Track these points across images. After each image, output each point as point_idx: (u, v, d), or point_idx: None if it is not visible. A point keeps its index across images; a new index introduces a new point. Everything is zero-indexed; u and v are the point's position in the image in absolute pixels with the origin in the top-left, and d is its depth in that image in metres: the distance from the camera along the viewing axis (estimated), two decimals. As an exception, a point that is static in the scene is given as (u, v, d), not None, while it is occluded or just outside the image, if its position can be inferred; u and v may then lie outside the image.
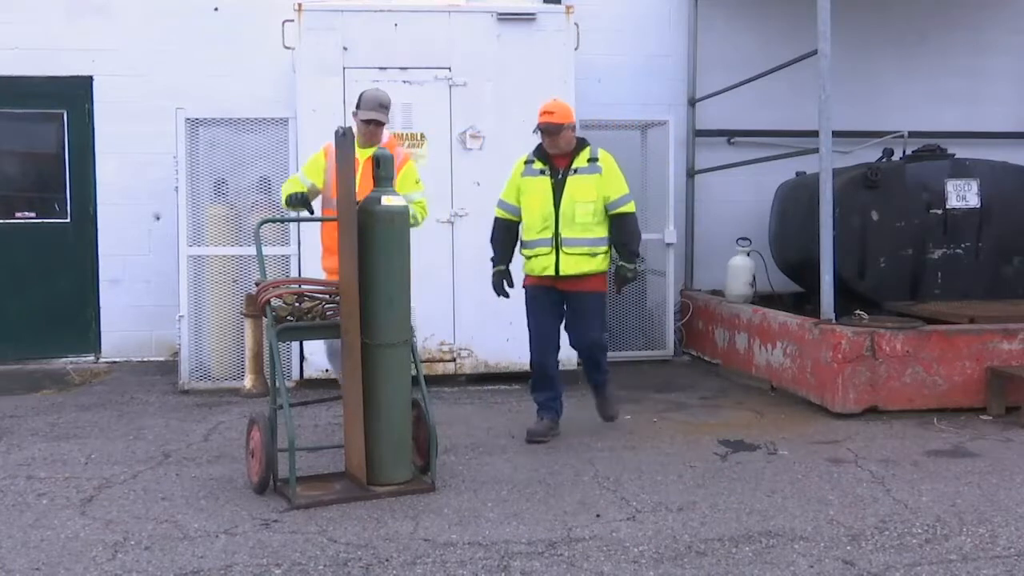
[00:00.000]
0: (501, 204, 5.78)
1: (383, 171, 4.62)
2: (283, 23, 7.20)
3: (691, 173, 8.92)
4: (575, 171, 5.54)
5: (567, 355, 7.25)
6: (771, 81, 7.92)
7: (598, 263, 5.59)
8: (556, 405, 5.76)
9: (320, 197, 5.51)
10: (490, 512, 4.34)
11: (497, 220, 5.79)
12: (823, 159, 6.34)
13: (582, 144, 5.62)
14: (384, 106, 5.23)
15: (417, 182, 5.48)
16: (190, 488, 4.73)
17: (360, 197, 4.69)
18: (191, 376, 7.20)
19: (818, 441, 5.59)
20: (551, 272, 5.55)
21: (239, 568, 3.71)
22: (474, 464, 5.10)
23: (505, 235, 5.76)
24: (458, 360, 7.21)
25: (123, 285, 8.33)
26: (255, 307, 6.21)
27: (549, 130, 5.48)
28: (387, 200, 4.54)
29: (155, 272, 8.18)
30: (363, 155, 5.18)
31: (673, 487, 4.72)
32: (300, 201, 5.18)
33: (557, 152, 5.56)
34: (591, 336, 5.77)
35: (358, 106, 5.28)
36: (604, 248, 5.59)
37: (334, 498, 4.47)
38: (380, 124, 5.19)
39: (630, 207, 5.63)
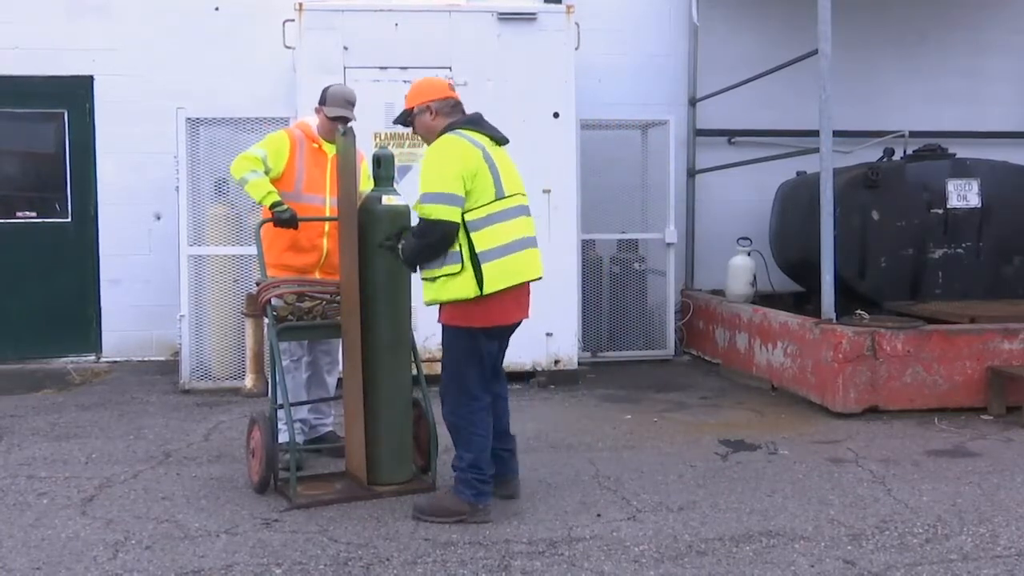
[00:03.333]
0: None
1: (383, 171, 4.61)
2: (283, 23, 7.21)
3: (691, 173, 8.92)
4: None
5: (567, 354, 7.30)
6: (771, 81, 7.92)
7: (436, 289, 4.15)
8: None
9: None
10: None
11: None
12: (824, 159, 6.34)
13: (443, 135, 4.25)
14: (351, 102, 5.13)
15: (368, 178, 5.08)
16: (191, 488, 4.73)
17: (331, 194, 4.63)
18: (192, 376, 7.20)
19: (819, 441, 5.59)
20: None
21: (240, 567, 3.71)
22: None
23: None
24: (458, 360, 7.19)
25: (124, 285, 8.33)
26: (256, 307, 6.21)
27: (403, 121, 4.45)
28: (388, 200, 4.53)
29: (156, 272, 8.19)
30: (330, 151, 5.14)
31: (674, 487, 4.72)
32: (292, 222, 4.88)
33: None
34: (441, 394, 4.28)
35: (323, 102, 5.16)
36: (441, 270, 4.10)
37: (334, 498, 4.47)
38: (347, 121, 5.13)
39: (423, 210, 4.05)
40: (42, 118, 8.39)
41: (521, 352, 7.20)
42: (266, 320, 4.86)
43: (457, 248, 4.07)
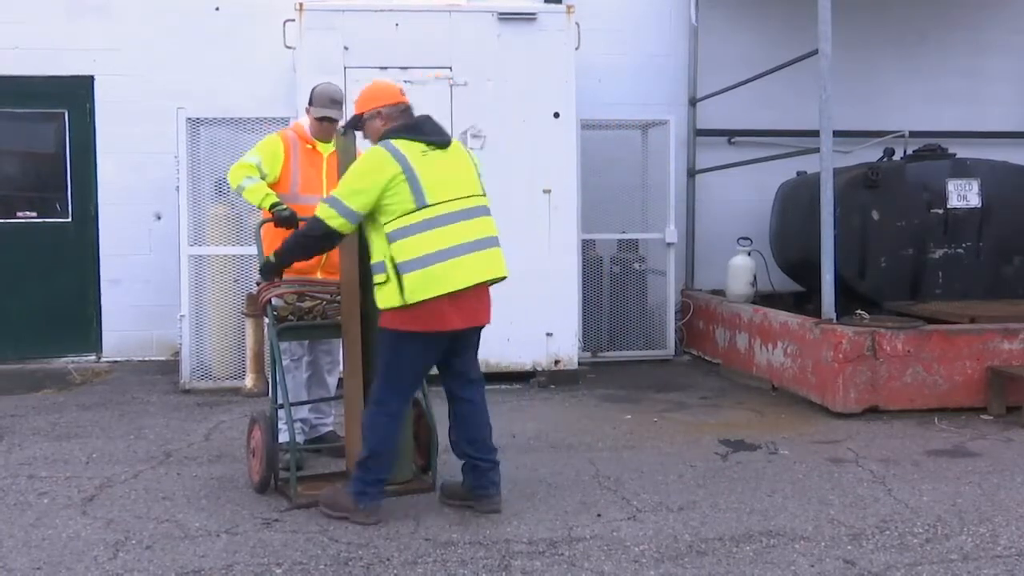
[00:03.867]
0: None
1: None
2: (284, 23, 7.21)
3: (692, 173, 8.93)
4: None
5: (567, 354, 7.30)
6: (771, 81, 7.92)
7: (381, 296, 4.14)
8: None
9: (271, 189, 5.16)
10: (479, 513, 4.32)
11: None
12: (824, 159, 6.34)
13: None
14: (336, 102, 5.13)
15: None
16: (191, 487, 4.73)
17: (325, 193, 4.64)
18: (192, 376, 7.20)
19: (819, 441, 5.59)
20: None
21: (240, 567, 3.72)
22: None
23: None
24: (459, 360, 7.19)
25: (124, 285, 8.33)
26: (256, 306, 6.22)
27: (355, 125, 4.49)
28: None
29: (156, 272, 8.18)
30: (325, 150, 5.14)
31: (674, 487, 4.72)
32: (292, 221, 4.84)
33: None
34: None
35: (310, 102, 5.18)
36: (375, 278, 4.16)
37: (335, 497, 4.47)
38: (333, 121, 5.13)
39: (320, 208, 4.20)
40: (42, 118, 8.40)
41: (521, 352, 7.21)
42: (266, 320, 4.86)
43: (382, 259, 4.11)
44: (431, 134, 4.26)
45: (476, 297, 4.21)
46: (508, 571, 3.67)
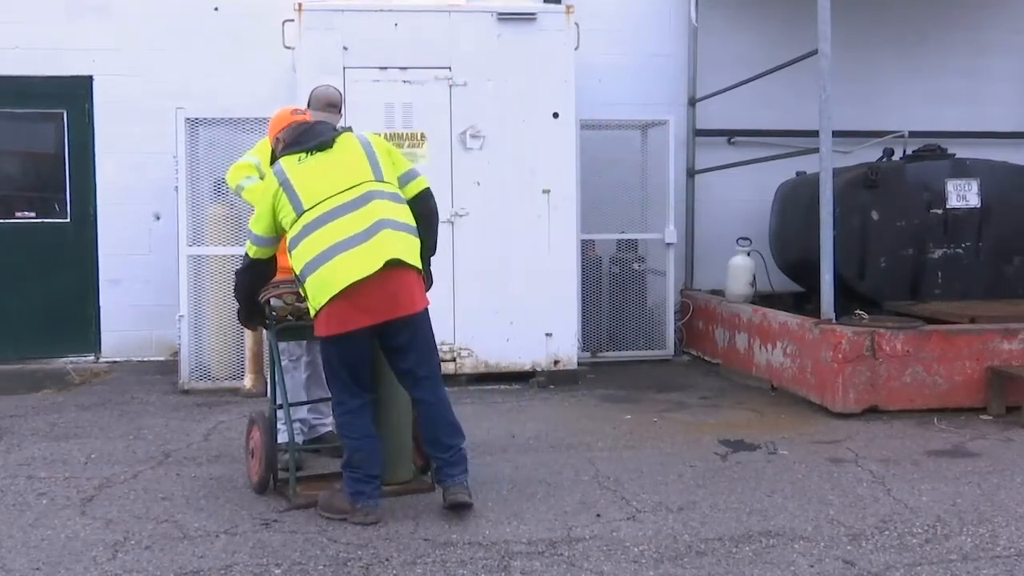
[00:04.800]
0: None
1: None
2: (283, 23, 7.20)
3: (691, 173, 8.92)
4: None
5: (567, 354, 7.29)
6: (771, 81, 7.91)
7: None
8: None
9: None
10: (490, 512, 4.33)
11: None
12: (823, 159, 6.34)
13: None
14: (333, 105, 5.13)
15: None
16: (190, 488, 4.73)
17: None
18: (191, 376, 7.20)
19: (818, 441, 5.59)
20: None
21: (239, 568, 3.71)
22: (474, 464, 5.06)
23: None
24: (458, 360, 7.20)
25: (123, 285, 8.33)
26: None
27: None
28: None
29: (155, 272, 8.18)
30: None
31: (673, 487, 4.72)
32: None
33: None
34: None
35: (308, 105, 5.18)
36: (301, 289, 4.24)
37: (334, 498, 4.47)
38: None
39: (247, 245, 4.41)
40: (42, 118, 8.39)
41: (520, 352, 7.21)
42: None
43: (295, 273, 4.21)
44: (308, 140, 4.27)
45: (382, 289, 4.04)
46: (507, 571, 3.67)
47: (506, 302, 7.02)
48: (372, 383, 4.33)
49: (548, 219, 7.18)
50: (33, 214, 8.33)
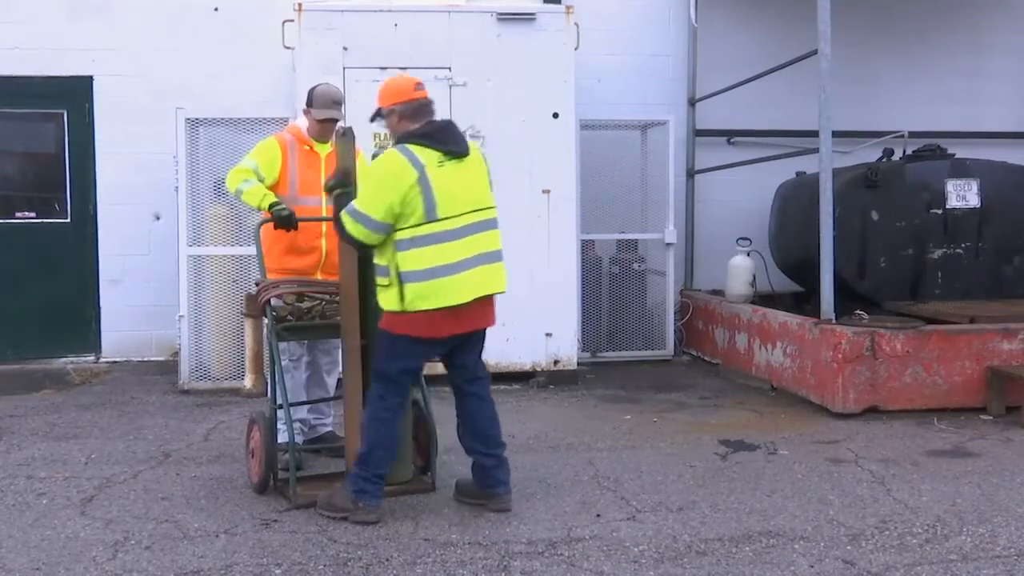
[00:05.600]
0: None
1: None
2: (283, 23, 7.20)
3: (691, 173, 8.92)
4: None
5: (567, 354, 7.30)
6: (771, 81, 7.92)
7: (383, 297, 4.23)
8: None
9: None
10: (490, 512, 4.33)
11: None
12: (823, 159, 6.34)
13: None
14: (338, 103, 5.13)
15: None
16: (190, 488, 4.73)
17: (326, 195, 4.66)
18: (191, 376, 7.20)
19: (818, 441, 5.59)
20: None
21: (239, 568, 3.71)
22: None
23: None
24: (458, 360, 7.19)
25: (123, 285, 8.33)
26: (255, 307, 6.19)
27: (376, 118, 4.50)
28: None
29: (155, 272, 8.18)
30: (323, 151, 5.15)
31: (673, 487, 4.72)
32: (290, 221, 4.84)
33: None
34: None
35: (310, 103, 5.12)
36: (378, 280, 4.23)
37: (334, 498, 4.47)
38: (335, 121, 5.13)
39: (344, 217, 4.18)
40: (42, 118, 8.39)
41: (521, 352, 7.21)
42: (265, 320, 4.86)
43: (386, 263, 4.15)
44: (449, 143, 4.22)
45: (476, 307, 4.23)
46: (507, 571, 3.67)
47: (506, 302, 6.96)
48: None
49: (548, 219, 7.18)
50: (33, 214, 8.33)
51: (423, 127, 4.24)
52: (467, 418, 4.42)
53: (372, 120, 4.49)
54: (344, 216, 4.17)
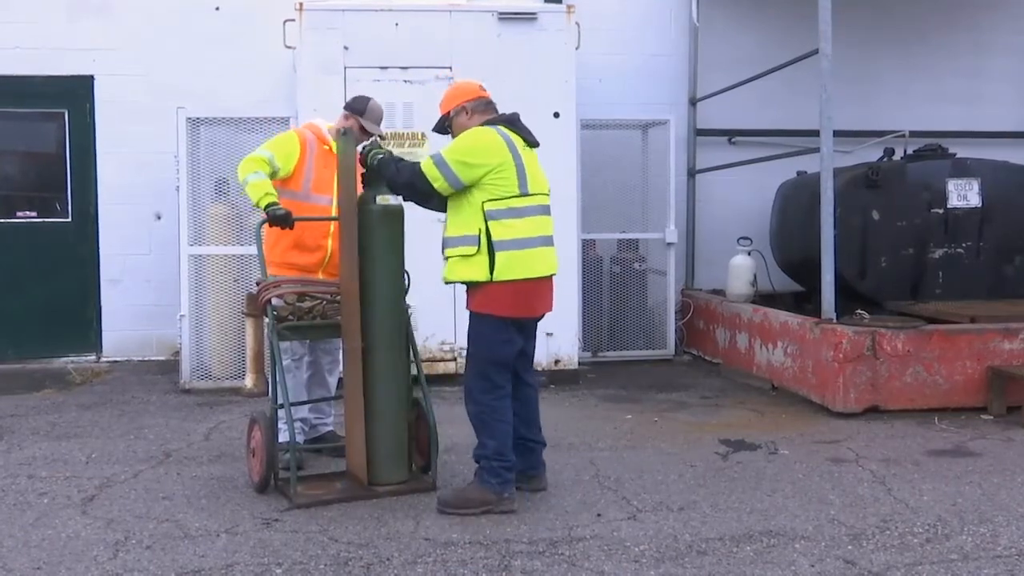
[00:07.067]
0: None
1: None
2: (284, 22, 7.20)
3: (692, 173, 8.92)
4: None
5: (568, 354, 7.29)
6: (772, 81, 7.92)
7: (449, 269, 4.40)
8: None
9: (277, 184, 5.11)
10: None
11: None
12: (824, 159, 6.34)
13: None
14: (381, 120, 5.22)
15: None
16: (191, 487, 4.73)
17: (336, 194, 4.70)
18: (192, 375, 7.20)
19: (819, 440, 5.59)
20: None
21: (240, 567, 3.71)
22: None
23: None
24: (459, 359, 7.19)
25: (124, 285, 8.33)
26: (256, 306, 6.21)
27: (441, 128, 4.65)
28: (381, 199, 4.56)
29: (156, 271, 8.19)
30: None
31: (674, 486, 4.72)
32: (285, 220, 4.77)
33: None
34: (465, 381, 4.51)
35: (361, 112, 5.11)
36: (456, 250, 4.32)
37: (335, 497, 4.47)
38: (381, 136, 5.18)
39: (427, 164, 4.31)
40: (42, 118, 8.39)
41: (521, 352, 7.20)
42: (266, 320, 4.86)
43: (475, 232, 4.26)
44: (524, 132, 4.50)
45: (548, 288, 4.51)
46: (508, 571, 3.67)
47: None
48: None
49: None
50: (34, 214, 8.33)
51: (505, 115, 4.51)
52: (523, 405, 4.52)
53: (436, 130, 4.64)
54: (428, 162, 4.31)
